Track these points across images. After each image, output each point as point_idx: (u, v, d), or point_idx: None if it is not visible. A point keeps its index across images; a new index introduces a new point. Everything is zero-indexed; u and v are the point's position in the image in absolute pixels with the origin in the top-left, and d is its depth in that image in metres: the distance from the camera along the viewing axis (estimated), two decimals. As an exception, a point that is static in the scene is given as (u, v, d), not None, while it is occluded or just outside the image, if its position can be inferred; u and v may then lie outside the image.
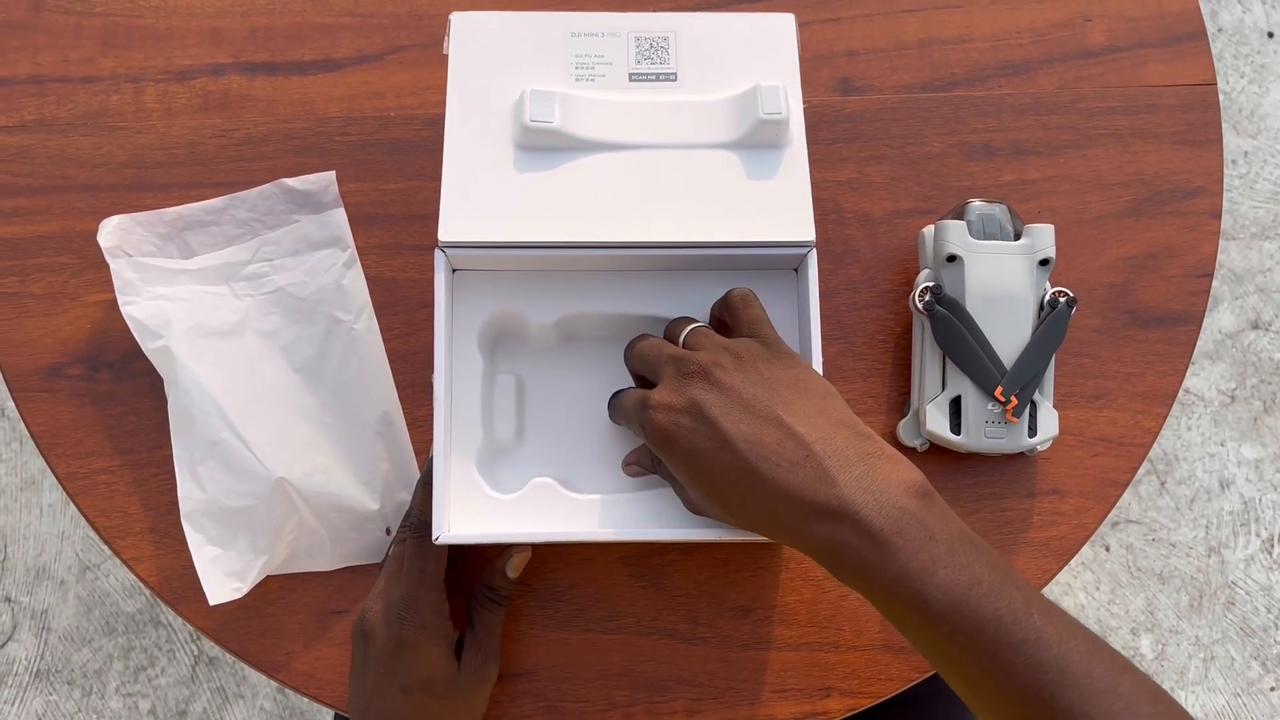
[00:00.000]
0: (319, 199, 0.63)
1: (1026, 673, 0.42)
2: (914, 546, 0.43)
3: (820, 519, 0.44)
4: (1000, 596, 0.42)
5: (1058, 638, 0.42)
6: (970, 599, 0.42)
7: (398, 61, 0.67)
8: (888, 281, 0.64)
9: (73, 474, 0.61)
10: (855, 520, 0.43)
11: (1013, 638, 0.42)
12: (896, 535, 0.43)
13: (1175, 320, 0.65)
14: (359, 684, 0.55)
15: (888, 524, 0.43)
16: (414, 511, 0.56)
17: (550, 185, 0.52)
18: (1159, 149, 0.67)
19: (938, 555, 0.43)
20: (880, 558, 0.43)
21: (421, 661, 0.54)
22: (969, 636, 0.42)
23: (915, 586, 0.42)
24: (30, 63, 0.66)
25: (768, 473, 0.45)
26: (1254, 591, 1.32)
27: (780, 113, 0.53)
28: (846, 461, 0.45)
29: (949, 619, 0.42)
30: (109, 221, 0.61)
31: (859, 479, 0.44)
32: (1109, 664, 0.43)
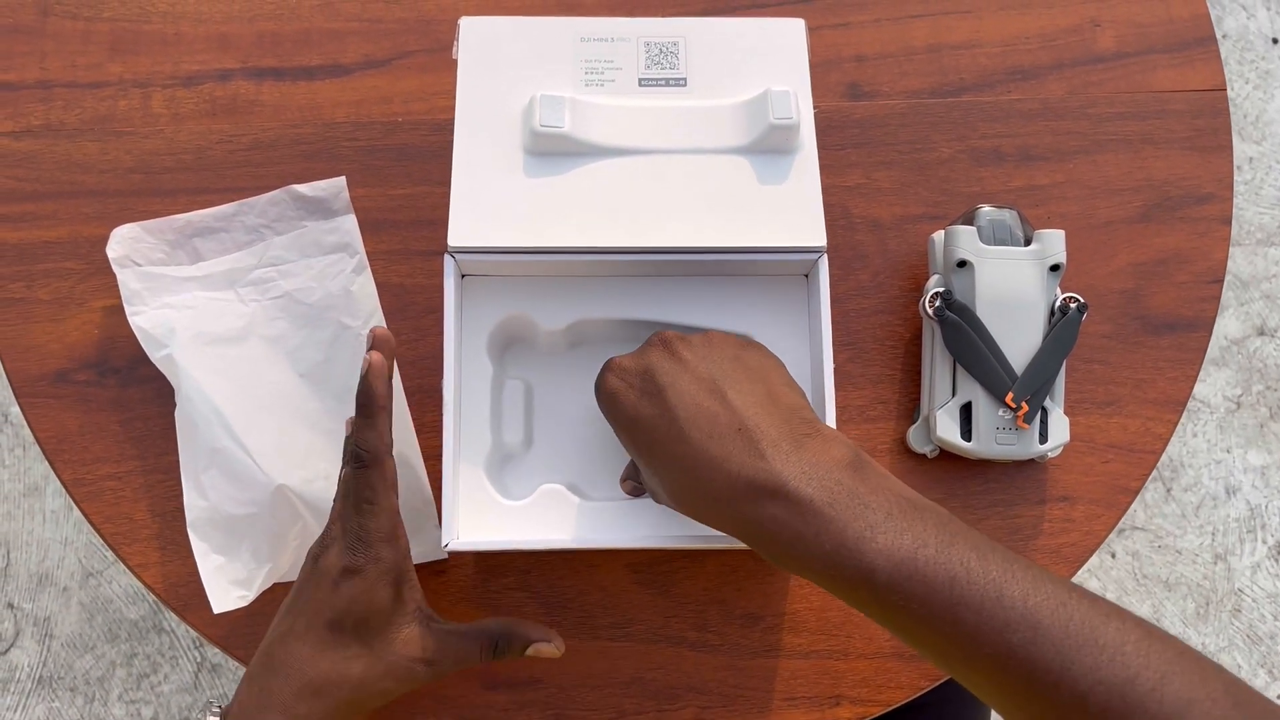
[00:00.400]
0: (330, 205, 0.62)
1: (993, 634, 0.38)
2: (848, 516, 0.41)
3: (750, 496, 0.42)
4: (951, 555, 0.40)
5: (1023, 592, 0.39)
6: (916, 562, 0.39)
7: (405, 67, 0.67)
8: (897, 287, 0.64)
9: (79, 480, 0.61)
10: (785, 494, 0.41)
11: (970, 597, 0.39)
12: (828, 505, 0.41)
13: (1186, 326, 0.64)
14: (287, 609, 0.51)
15: (818, 495, 0.41)
16: (354, 438, 0.50)
17: (560, 190, 0.52)
18: (1169, 155, 0.66)
19: (875, 522, 0.41)
20: (814, 531, 0.41)
21: (364, 596, 0.49)
22: (922, 602, 0.39)
23: (855, 557, 0.40)
24: (38, 68, 0.66)
25: (699, 442, 0.44)
26: (1260, 599, 1.31)
27: (791, 117, 0.53)
28: (779, 438, 0.43)
29: (898, 587, 0.39)
30: (119, 231, 0.60)
31: (788, 454, 0.43)
32: (1088, 611, 0.39)
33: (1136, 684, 0.37)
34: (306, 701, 0.48)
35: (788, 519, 0.41)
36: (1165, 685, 0.37)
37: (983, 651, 0.39)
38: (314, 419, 0.60)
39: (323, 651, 0.49)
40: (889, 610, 0.40)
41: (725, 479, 0.43)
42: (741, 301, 0.56)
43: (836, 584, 0.42)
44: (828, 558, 0.41)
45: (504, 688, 0.59)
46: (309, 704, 0.48)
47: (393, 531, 0.50)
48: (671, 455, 0.45)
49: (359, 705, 0.50)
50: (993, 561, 0.40)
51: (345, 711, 0.49)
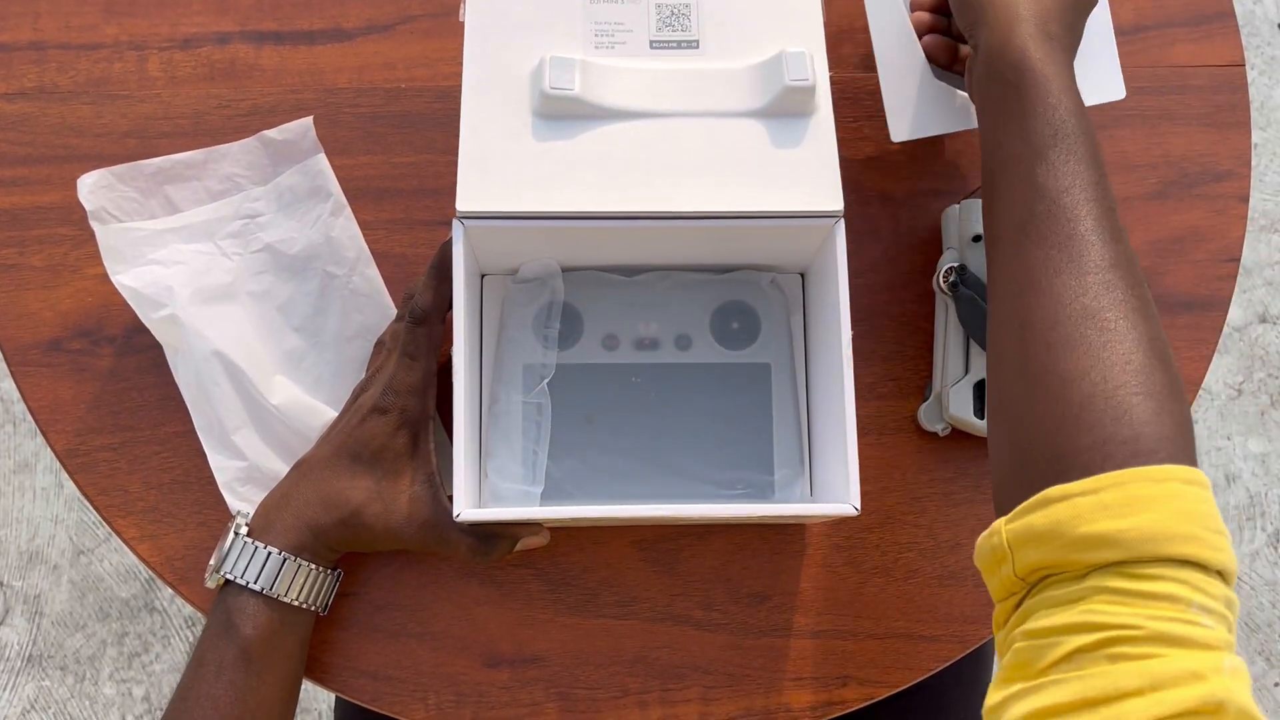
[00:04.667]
0: (299, 146, 0.60)
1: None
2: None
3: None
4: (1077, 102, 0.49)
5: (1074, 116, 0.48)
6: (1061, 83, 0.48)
7: (409, 32, 0.65)
8: (909, 262, 0.63)
9: (72, 451, 0.60)
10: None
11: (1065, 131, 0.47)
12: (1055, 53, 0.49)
13: (1202, 306, 0.63)
14: (323, 435, 0.56)
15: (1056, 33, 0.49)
16: (416, 297, 0.55)
17: (570, 154, 0.51)
18: (1187, 131, 0.65)
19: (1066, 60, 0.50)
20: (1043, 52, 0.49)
21: (383, 434, 0.54)
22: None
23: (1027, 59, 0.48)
24: (31, 28, 0.64)
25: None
26: (1259, 587, 1.31)
27: (807, 79, 0.51)
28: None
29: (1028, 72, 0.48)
30: (87, 178, 0.58)
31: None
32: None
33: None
34: (315, 509, 0.54)
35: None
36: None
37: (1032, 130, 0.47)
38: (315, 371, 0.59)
39: (337, 473, 0.54)
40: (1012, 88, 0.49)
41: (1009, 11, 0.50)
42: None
43: (1002, 63, 0.49)
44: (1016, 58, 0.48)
45: (506, 665, 0.58)
46: (316, 511, 0.54)
47: (424, 388, 0.54)
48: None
49: (359, 531, 0.54)
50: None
51: (348, 532, 0.54)
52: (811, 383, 0.57)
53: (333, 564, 0.56)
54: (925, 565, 0.60)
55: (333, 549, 0.55)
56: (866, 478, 0.60)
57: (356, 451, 0.54)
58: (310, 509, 0.54)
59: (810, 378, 0.58)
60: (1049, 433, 0.42)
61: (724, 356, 0.57)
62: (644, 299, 0.58)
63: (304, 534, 0.54)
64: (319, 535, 0.54)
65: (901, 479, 0.61)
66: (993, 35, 0.50)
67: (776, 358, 0.58)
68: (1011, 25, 0.49)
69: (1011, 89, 0.48)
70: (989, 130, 0.50)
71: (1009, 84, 0.48)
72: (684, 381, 0.57)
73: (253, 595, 0.53)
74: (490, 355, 0.57)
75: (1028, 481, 0.42)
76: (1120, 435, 0.40)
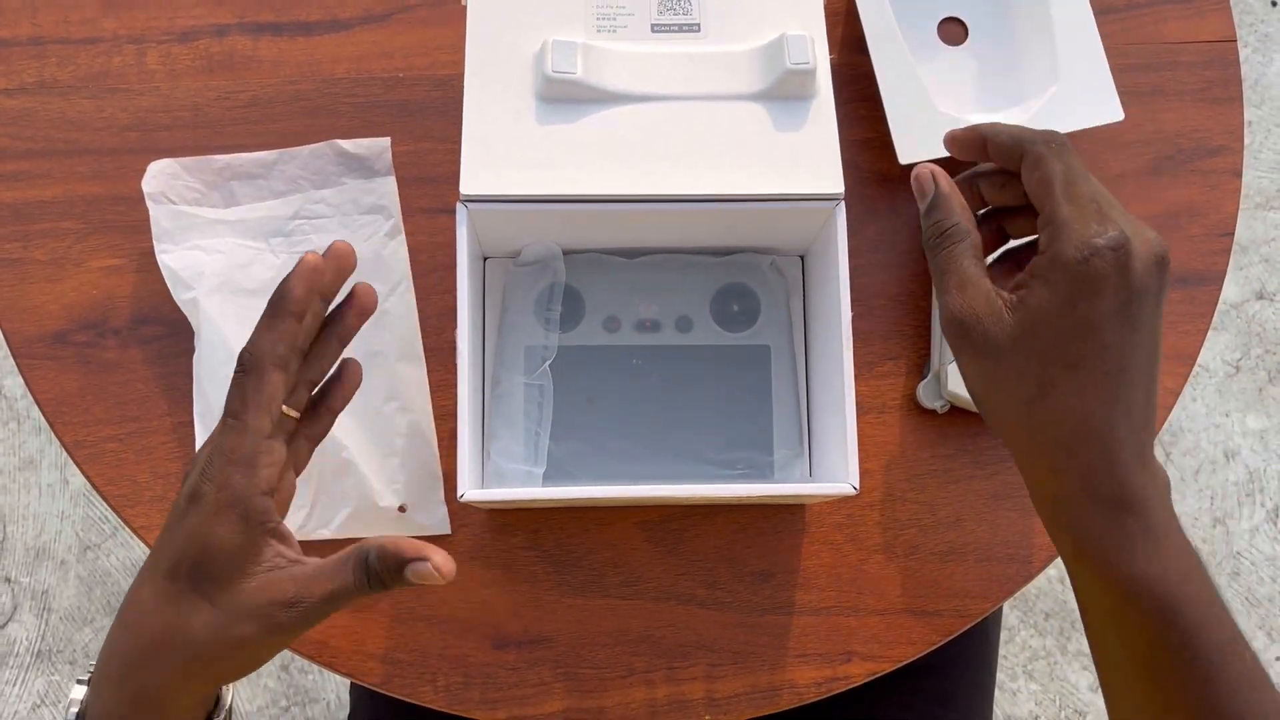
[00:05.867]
0: (371, 165, 0.62)
1: (1212, 694, 0.42)
2: (1175, 550, 0.42)
3: (1112, 488, 0.42)
4: (1209, 591, 0.43)
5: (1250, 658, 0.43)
6: (1208, 618, 0.42)
7: (406, 21, 0.65)
8: (907, 242, 0.64)
9: (79, 442, 0.60)
10: (1144, 509, 0.42)
11: (1205, 624, 0.42)
12: (1164, 525, 0.42)
13: (1197, 280, 0.64)
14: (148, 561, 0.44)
15: (1162, 516, 0.42)
16: (249, 340, 0.44)
17: (573, 138, 0.51)
18: (1180, 106, 0.66)
19: (1192, 564, 0.43)
20: (1146, 556, 0.42)
21: (203, 532, 0.41)
22: (1185, 647, 0.42)
23: (1169, 592, 0.41)
24: (29, 23, 0.65)
25: (1110, 402, 0.41)
26: (1259, 562, 1.31)
27: (808, 62, 0.52)
28: (1147, 445, 0.42)
29: (1185, 629, 0.42)
30: (155, 165, 0.60)
31: (1155, 468, 0.43)
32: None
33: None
34: (137, 673, 0.41)
35: (1127, 525, 0.42)
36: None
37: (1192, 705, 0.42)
38: None
39: (159, 605, 0.41)
40: (1158, 641, 0.42)
41: (1105, 463, 0.42)
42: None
43: (1126, 600, 0.42)
44: (1140, 580, 0.42)
45: (513, 646, 0.59)
46: (140, 676, 0.41)
47: (252, 458, 0.42)
48: (1075, 395, 0.42)
49: (211, 670, 0.42)
50: (1229, 616, 0.43)
51: (193, 680, 0.42)
52: (811, 364, 0.58)
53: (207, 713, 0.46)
54: (926, 541, 0.60)
55: (194, 701, 0.44)
56: (866, 456, 0.61)
57: (174, 566, 0.42)
58: (132, 676, 0.42)
59: (810, 359, 0.58)
60: None
61: (724, 339, 0.58)
62: (645, 281, 0.59)
63: (142, 703, 0.42)
64: (164, 695, 0.42)
65: (901, 456, 0.61)
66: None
67: (776, 340, 0.58)
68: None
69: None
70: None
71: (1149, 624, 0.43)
72: (684, 363, 0.58)
73: None
74: (492, 338, 0.57)
75: None
76: None
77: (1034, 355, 0.43)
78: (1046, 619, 1.29)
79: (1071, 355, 0.42)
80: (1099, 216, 0.42)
